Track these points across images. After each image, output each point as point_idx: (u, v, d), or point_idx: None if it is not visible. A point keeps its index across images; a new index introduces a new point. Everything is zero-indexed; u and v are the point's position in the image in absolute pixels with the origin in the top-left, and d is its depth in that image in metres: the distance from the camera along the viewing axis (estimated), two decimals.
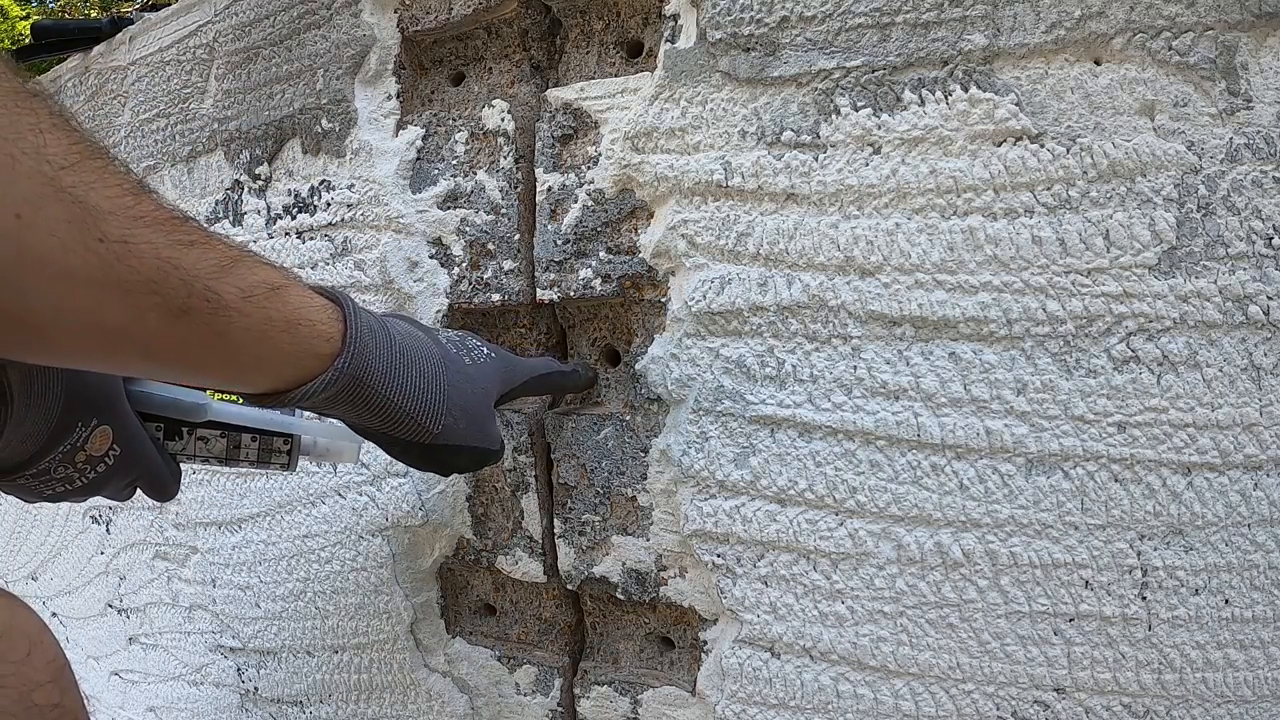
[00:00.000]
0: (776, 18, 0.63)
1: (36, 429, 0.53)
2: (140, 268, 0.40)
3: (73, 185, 0.37)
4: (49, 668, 0.52)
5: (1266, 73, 0.52)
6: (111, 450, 0.57)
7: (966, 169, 0.58)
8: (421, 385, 0.57)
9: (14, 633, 0.50)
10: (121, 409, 0.58)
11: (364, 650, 0.91)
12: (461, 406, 0.60)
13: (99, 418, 0.56)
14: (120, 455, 0.58)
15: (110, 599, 1.21)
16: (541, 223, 0.76)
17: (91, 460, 0.57)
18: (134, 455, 0.59)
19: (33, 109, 0.37)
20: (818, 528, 0.64)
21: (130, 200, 0.40)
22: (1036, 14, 0.56)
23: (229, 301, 0.45)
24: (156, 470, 0.62)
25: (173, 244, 0.42)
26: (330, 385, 0.51)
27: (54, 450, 0.54)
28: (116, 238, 0.39)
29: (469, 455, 0.62)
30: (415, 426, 0.57)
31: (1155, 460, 0.55)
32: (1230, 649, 0.55)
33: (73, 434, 0.55)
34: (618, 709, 0.76)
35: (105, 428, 0.56)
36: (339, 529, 0.90)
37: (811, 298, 0.63)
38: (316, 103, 0.88)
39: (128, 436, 0.58)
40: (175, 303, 0.42)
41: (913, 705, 0.62)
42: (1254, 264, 0.52)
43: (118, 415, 0.58)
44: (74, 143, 0.38)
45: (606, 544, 0.75)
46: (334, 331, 0.52)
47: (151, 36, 1.04)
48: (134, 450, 0.59)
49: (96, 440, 0.56)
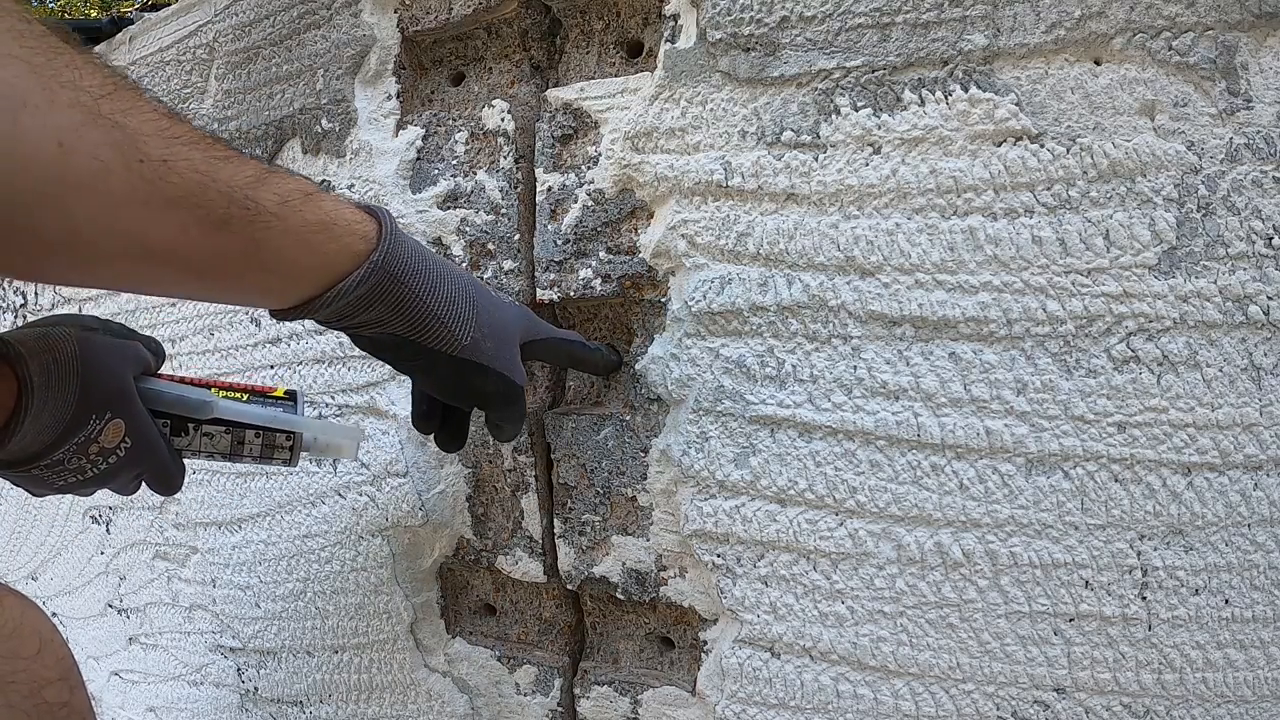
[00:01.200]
0: (776, 18, 0.63)
1: (53, 420, 0.54)
2: (181, 183, 0.42)
3: (111, 112, 0.39)
4: (59, 666, 0.53)
5: (1266, 73, 0.52)
6: (123, 443, 0.59)
7: (966, 169, 0.58)
8: (453, 294, 0.57)
9: (25, 630, 0.52)
10: (134, 403, 0.59)
11: (364, 650, 0.91)
12: (491, 326, 0.60)
13: (112, 411, 0.57)
14: (131, 448, 0.59)
15: (110, 599, 1.21)
16: (541, 223, 0.76)
17: (104, 452, 0.58)
18: (144, 448, 0.61)
19: (65, 49, 0.39)
20: (818, 528, 0.64)
21: (166, 123, 0.42)
22: (1036, 14, 0.56)
23: (267, 208, 0.46)
24: (164, 464, 0.63)
25: (209, 159, 0.44)
26: (365, 281, 0.52)
27: (69, 441, 0.56)
28: (157, 157, 0.41)
29: (496, 380, 0.61)
30: (445, 333, 0.57)
31: (1155, 460, 0.55)
32: (1230, 649, 0.55)
33: (87, 426, 0.56)
34: (618, 709, 0.76)
35: (118, 421, 0.58)
36: (339, 529, 0.90)
37: (811, 298, 0.63)
38: (316, 103, 0.88)
39: (139, 430, 0.60)
40: (216, 213, 0.44)
41: (913, 705, 0.62)
42: (1254, 264, 0.52)
43: (131, 409, 0.59)
44: (108, 77, 0.40)
45: (606, 544, 0.75)
46: (369, 230, 0.53)
47: (151, 36, 1.04)
48: (144, 443, 0.60)
49: (109, 433, 0.57)
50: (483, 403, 0.64)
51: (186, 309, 1.02)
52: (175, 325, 1.03)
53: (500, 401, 0.63)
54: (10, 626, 0.51)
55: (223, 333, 0.98)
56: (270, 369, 0.94)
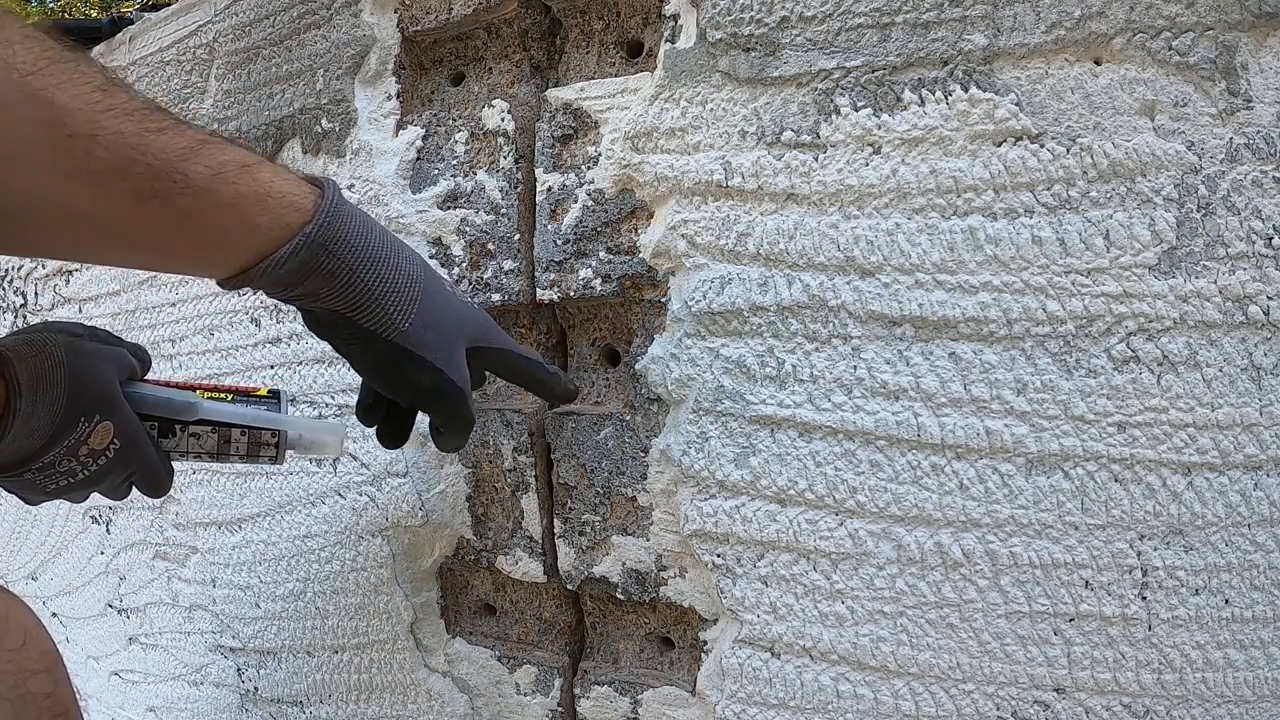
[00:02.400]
0: (776, 18, 0.63)
1: (43, 423, 0.55)
2: (108, 157, 0.43)
3: (41, 87, 0.41)
4: (43, 659, 0.54)
5: (1266, 73, 0.52)
6: (112, 444, 0.59)
7: (966, 169, 0.58)
8: (395, 276, 0.57)
9: (10, 623, 0.53)
10: (121, 406, 0.60)
11: (364, 650, 0.91)
12: (435, 318, 0.59)
13: (101, 413, 0.58)
14: (120, 449, 0.60)
15: (110, 599, 1.21)
16: (541, 223, 0.76)
17: (93, 454, 0.58)
18: (133, 449, 0.61)
19: (3, 26, 0.40)
20: (818, 528, 0.64)
21: (99, 96, 0.43)
22: (1036, 14, 0.56)
23: (197, 180, 0.47)
24: (153, 464, 0.63)
25: (142, 131, 0.45)
26: (296, 254, 0.52)
27: (59, 444, 0.56)
28: (84, 132, 0.42)
29: (431, 374, 0.60)
30: (382, 314, 0.56)
31: (1155, 460, 0.55)
32: (1230, 649, 0.55)
33: (76, 428, 0.57)
34: (618, 709, 0.76)
35: (107, 423, 0.58)
36: (339, 529, 0.90)
37: (811, 298, 0.63)
38: (316, 103, 0.88)
39: (128, 432, 0.60)
40: (143, 186, 0.45)
41: (913, 705, 0.62)
42: (1254, 264, 0.52)
43: (118, 411, 0.59)
44: (44, 51, 0.41)
45: (606, 544, 0.75)
46: (306, 203, 0.53)
47: (151, 36, 1.04)
48: (133, 445, 0.61)
49: (98, 435, 0.58)
50: (417, 397, 0.63)
51: (186, 309, 1.02)
52: (175, 325, 1.03)
53: (434, 398, 0.62)
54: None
55: (223, 333, 0.98)
56: (270, 369, 0.94)
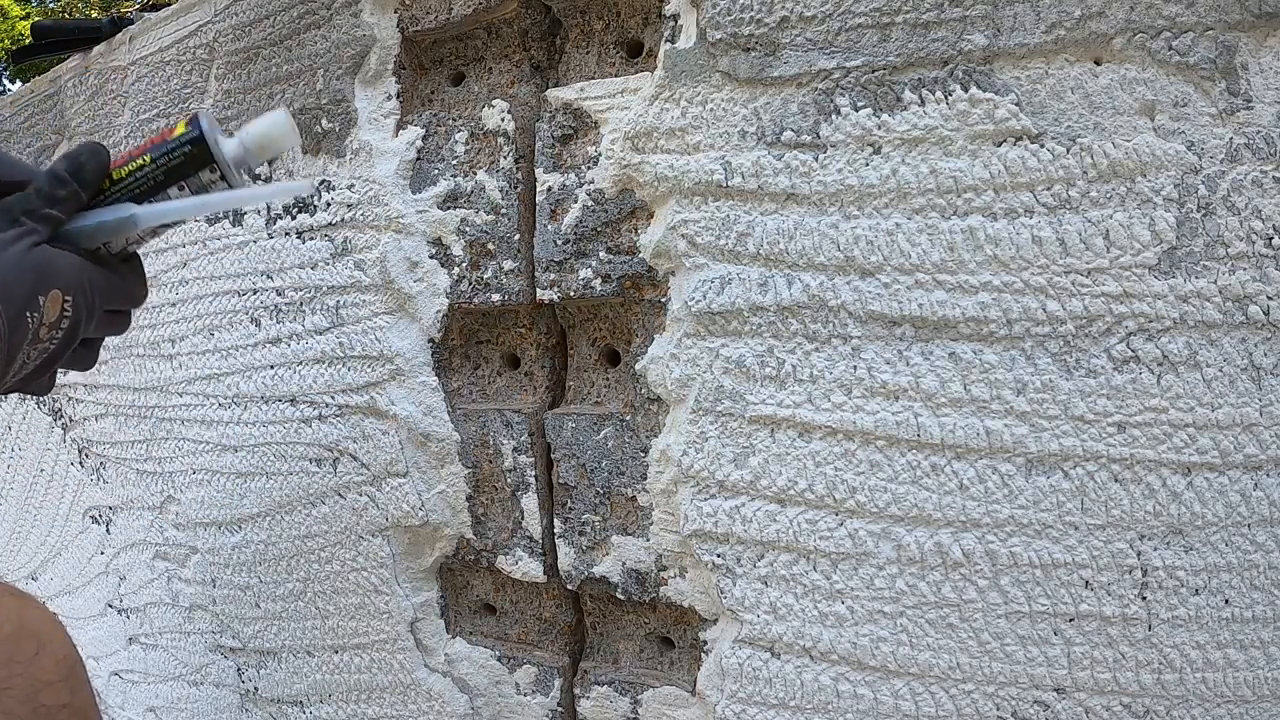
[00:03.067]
0: (776, 18, 0.63)
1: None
2: None
3: None
4: (58, 667, 0.51)
5: (1266, 73, 0.52)
6: (65, 303, 0.54)
7: (966, 169, 0.58)
8: None
9: (22, 634, 0.50)
10: (54, 269, 0.54)
11: (364, 650, 0.91)
12: None
13: (41, 295, 0.52)
14: (75, 302, 0.55)
15: (110, 599, 1.21)
16: (541, 223, 0.76)
17: (53, 325, 0.54)
18: (87, 294, 0.56)
19: None
20: (818, 528, 0.64)
21: None
22: (1036, 14, 0.56)
23: None
24: (117, 287, 0.58)
25: None
26: None
27: (18, 352, 0.52)
28: None
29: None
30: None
31: (1155, 460, 0.55)
32: (1230, 649, 0.55)
33: (29, 327, 0.52)
34: (618, 709, 0.76)
35: (54, 292, 0.53)
36: (339, 529, 0.90)
37: (811, 298, 0.63)
38: (316, 103, 0.88)
39: (76, 285, 0.55)
40: None
41: (913, 705, 0.62)
42: (1254, 264, 0.52)
43: (54, 278, 0.53)
44: None
45: (606, 544, 0.75)
46: None
47: (151, 36, 1.04)
48: (86, 291, 0.55)
49: (50, 309, 0.53)
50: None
51: (187, 309, 1.02)
52: (175, 325, 1.03)
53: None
54: (7, 630, 0.49)
55: (223, 333, 0.98)
56: (270, 369, 0.94)
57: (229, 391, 0.97)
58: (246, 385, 0.96)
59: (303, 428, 0.91)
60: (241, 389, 0.97)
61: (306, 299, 0.90)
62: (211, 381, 0.99)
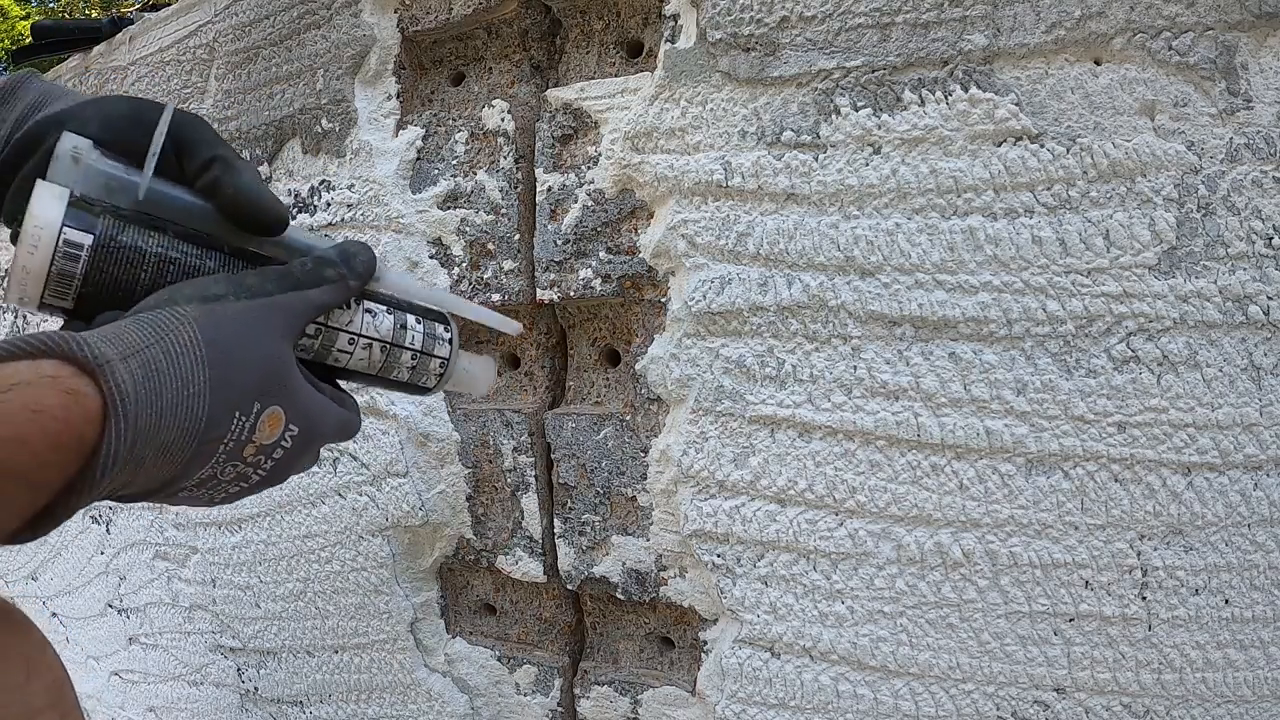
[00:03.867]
0: (776, 18, 0.63)
1: (180, 435, 0.40)
2: None
3: None
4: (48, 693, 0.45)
5: (1266, 73, 0.52)
6: (287, 431, 0.45)
7: (966, 169, 0.58)
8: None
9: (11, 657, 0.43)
10: (293, 381, 0.45)
11: (364, 650, 0.91)
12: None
13: (262, 401, 0.43)
14: (299, 434, 0.46)
15: (110, 599, 1.21)
16: (541, 223, 0.76)
17: (263, 450, 0.45)
18: (314, 427, 0.47)
19: None
20: (818, 528, 0.64)
21: None
22: (1036, 14, 0.56)
23: None
24: (342, 425, 0.50)
25: None
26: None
27: (211, 458, 0.42)
28: None
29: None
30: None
31: (1155, 460, 0.55)
32: (1230, 649, 0.55)
33: (231, 427, 0.42)
34: (618, 709, 0.76)
35: (275, 409, 0.44)
36: (339, 529, 0.90)
37: (811, 298, 0.63)
38: (316, 103, 0.88)
39: (306, 412, 0.46)
40: None
41: (913, 705, 0.62)
42: (1254, 264, 0.52)
43: (289, 391, 0.45)
44: None
45: (606, 544, 0.75)
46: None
47: (151, 36, 1.04)
48: (313, 423, 0.47)
49: (266, 427, 0.44)
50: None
51: None
52: None
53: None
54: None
55: None
56: None
57: None
58: None
59: None
60: None
61: None
62: None
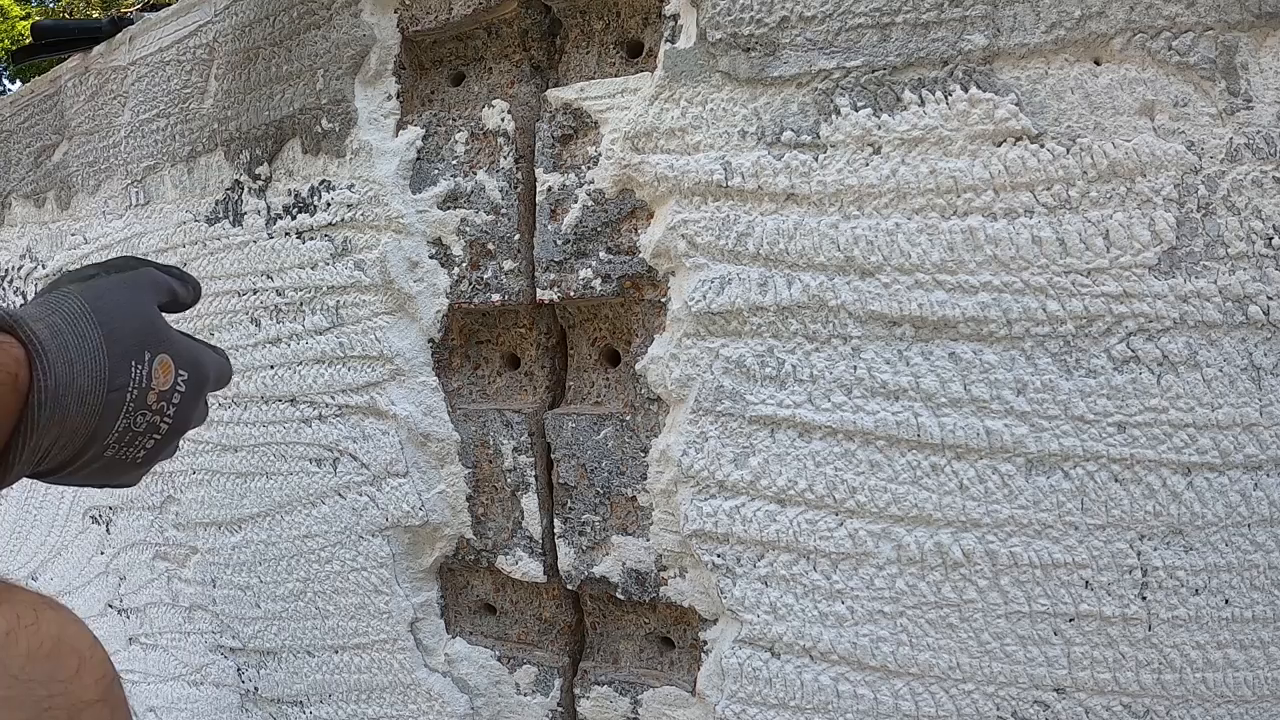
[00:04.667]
0: (776, 18, 0.63)
1: (92, 382, 0.47)
2: None
3: None
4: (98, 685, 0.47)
5: (1266, 73, 0.52)
6: (179, 375, 0.52)
7: (966, 169, 0.58)
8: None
9: (64, 649, 0.47)
10: (168, 332, 0.53)
11: (364, 650, 0.91)
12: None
13: (150, 348, 0.50)
14: (189, 378, 0.53)
15: (110, 599, 1.21)
16: (541, 223, 0.76)
17: (163, 396, 0.51)
18: (199, 370, 0.54)
19: None
20: (818, 528, 0.64)
21: None
22: (1036, 14, 0.56)
23: None
24: (222, 370, 0.58)
25: None
26: None
27: (123, 404, 0.49)
28: None
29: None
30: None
31: (1155, 460, 0.55)
32: (1230, 649, 0.55)
33: (132, 374, 0.49)
34: (618, 709, 0.76)
35: (164, 356, 0.51)
36: (339, 529, 0.90)
37: (811, 298, 0.63)
38: (316, 103, 0.88)
39: (189, 357, 0.53)
40: None
41: (913, 705, 0.62)
42: (1254, 264, 0.52)
43: (168, 339, 0.52)
44: None
45: (606, 544, 0.75)
46: None
47: (151, 36, 1.04)
48: (198, 365, 0.54)
49: (160, 373, 0.51)
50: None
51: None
52: (175, 325, 1.03)
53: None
54: (48, 646, 0.46)
55: (223, 333, 0.98)
56: (270, 369, 0.94)
57: (229, 391, 0.97)
58: (246, 385, 0.96)
59: (303, 428, 0.91)
60: (241, 389, 0.96)
61: (306, 299, 0.90)
62: None
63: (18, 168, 1.27)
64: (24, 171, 1.26)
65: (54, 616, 0.48)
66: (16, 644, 0.44)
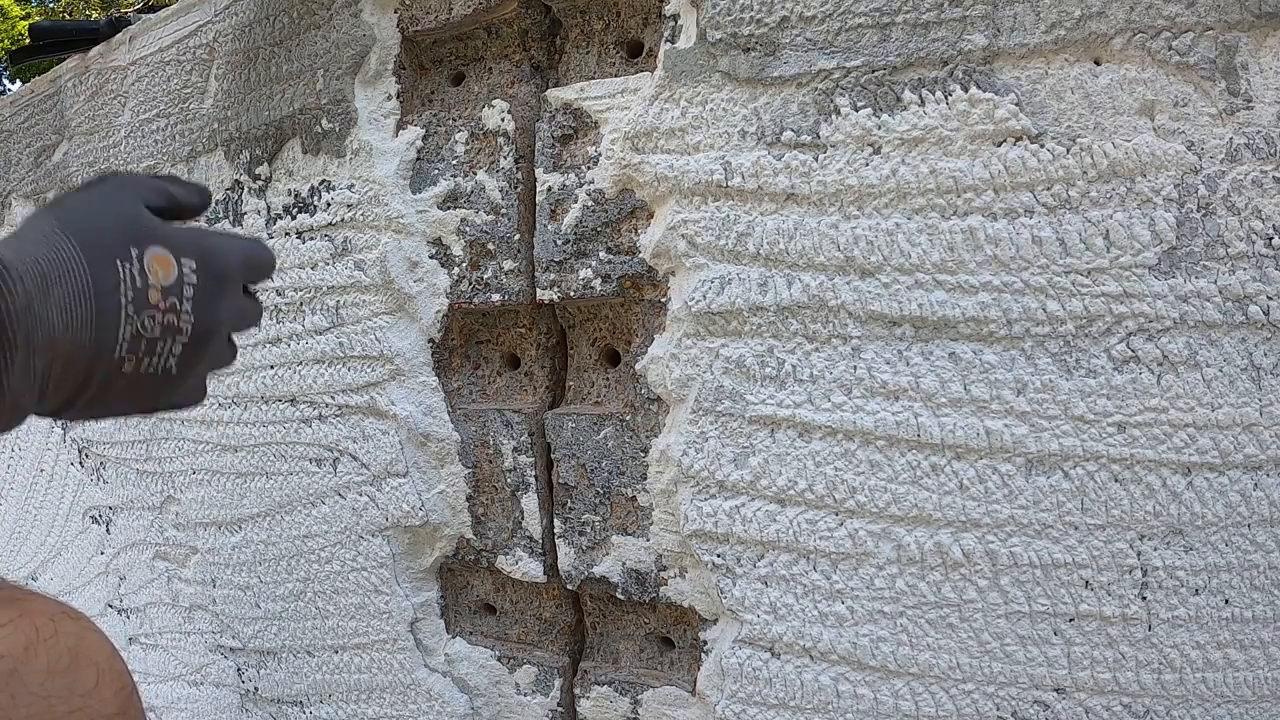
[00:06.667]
0: (776, 18, 0.63)
1: (75, 289, 0.42)
2: None
3: None
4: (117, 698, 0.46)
5: (1266, 73, 0.52)
6: (184, 265, 0.46)
7: (966, 169, 0.58)
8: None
9: (82, 661, 0.46)
10: (157, 225, 0.47)
11: (364, 650, 0.91)
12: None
13: (134, 244, 0.45)
14: (199, 267, 0.47)
15: (110, 599, 1.21)
16: (541, 223, 0.76)
17: (170, 291, 0.45)
18: (212, 257, 0.48)
19: None
20: (817, 528, 0.64)
21: None
22: (1036, 14, 0.56)
23: None
24: (249, 251, 0.51)
25: None
26: None
27: (120, 311, 0.43)
28: None
29: None
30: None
31: (1155, 460, 0.55)
32: (1230, 649, 0.55)
33: (118, 274, 0.43)
34: (618, 709, 0.76)
35: (155, 249, 0.45)
36: (339, 529, 0.90)
37: (811, 298, 0.63)
38: (316, 103, 0.88)
39: (193, 246, 0.47)
40: None
41: (913, 705, 0.62)
42: (1254, 264, 0.52)
43: (159, 231, 0.46)
44: None
45: (606, 544, 0.75)
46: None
47: (151, 36, 1.04)
48: (208, 252, 0.48)
49: (157, 268, 0.45)
50: None
51: None
52: None
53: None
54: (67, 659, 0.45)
55: None
56: (270, 369, 0.94)
57: (229, 391, 0.97)
58: (246, 385, 0.96)
59: (303, 428, 0.91)
60: (241, 389, 0.97)
61: (306, 299, 0.90)
62: (211, 381, 0.99)
63: (18, 168, 1.27)
64: (24, 171, 1.26)
65: (72, 627, 0.46)
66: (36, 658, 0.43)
